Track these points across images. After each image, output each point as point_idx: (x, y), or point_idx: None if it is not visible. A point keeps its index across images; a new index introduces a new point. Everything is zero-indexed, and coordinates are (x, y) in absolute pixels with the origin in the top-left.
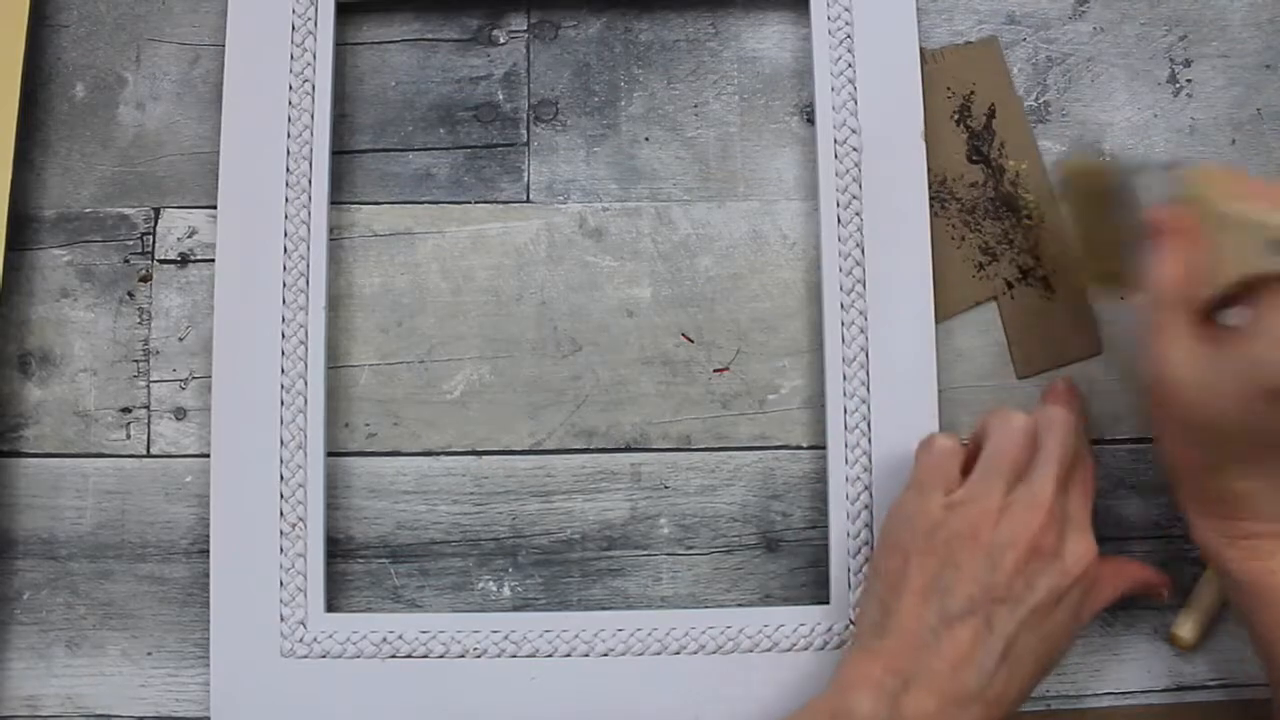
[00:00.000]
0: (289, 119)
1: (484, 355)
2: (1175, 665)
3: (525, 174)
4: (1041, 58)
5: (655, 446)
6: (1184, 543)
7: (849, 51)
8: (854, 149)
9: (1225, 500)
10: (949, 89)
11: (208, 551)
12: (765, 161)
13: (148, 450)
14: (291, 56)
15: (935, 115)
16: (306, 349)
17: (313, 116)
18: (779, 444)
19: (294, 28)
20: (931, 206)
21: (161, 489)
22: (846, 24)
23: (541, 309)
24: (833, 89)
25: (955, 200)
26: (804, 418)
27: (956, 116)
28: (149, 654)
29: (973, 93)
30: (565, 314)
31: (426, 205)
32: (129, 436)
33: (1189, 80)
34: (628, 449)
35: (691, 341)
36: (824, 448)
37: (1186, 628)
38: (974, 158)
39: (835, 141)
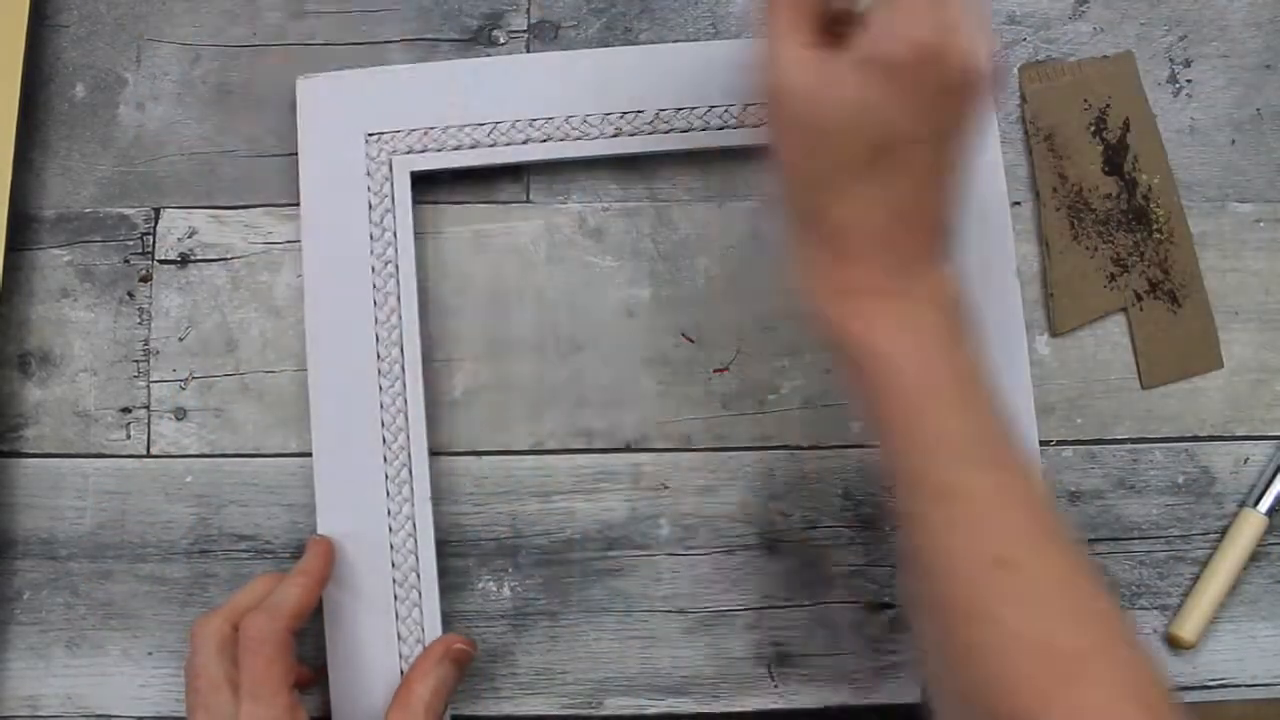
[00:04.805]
0: None
1: (484, 355)
2: (1175, 665)
3: (525, 174)
4: (1042, 58)
5: (655, 446)
6: (1182, 543)
7: None
8: None
9: (829, 236)
10: (1086, 100)
11: (208, 551)
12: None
13: (148, 450)
14: None
15: (1073, 126)
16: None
17: None
18: (779, 444)
19: None
20: (1068, 216)
21: (161, 489)
22: None
23: (541, 309)
24: None
25: (1090, 211)
26: (804, 418)
27: (1093, 128)
28: (149, 654)
29: (1109, 105)
30: (565, 314)
31: (427, 205)
32: (129, 436)
33: (1189, 80)
34: (628, 449)
35: (691, 341)
36: (824, 448)
37: (1186, 628)
38: (1108, 169)
39: None
